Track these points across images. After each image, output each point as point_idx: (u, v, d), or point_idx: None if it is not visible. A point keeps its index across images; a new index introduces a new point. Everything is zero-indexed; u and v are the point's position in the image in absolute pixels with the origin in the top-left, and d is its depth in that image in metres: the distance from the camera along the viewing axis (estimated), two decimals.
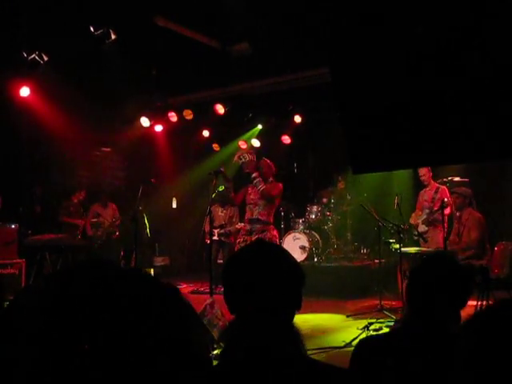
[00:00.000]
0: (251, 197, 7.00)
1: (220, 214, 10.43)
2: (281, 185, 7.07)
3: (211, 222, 7.71)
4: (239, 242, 7.06)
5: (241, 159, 7.00)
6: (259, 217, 6.94)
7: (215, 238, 10.02)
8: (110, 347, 0.80)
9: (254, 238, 6.79)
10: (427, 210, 8.01)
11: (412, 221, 8.23)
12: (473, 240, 7.07)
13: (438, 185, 8.10)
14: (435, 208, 7.81)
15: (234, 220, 10.48)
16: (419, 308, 2.17)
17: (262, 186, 6.86)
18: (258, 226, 6.90)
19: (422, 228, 8.01)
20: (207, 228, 10.44)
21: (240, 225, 10.65)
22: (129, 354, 0.80)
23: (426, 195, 8.16)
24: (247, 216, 7.10)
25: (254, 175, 6.90)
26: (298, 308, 1.70)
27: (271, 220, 7.06)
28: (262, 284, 1.64)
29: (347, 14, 3.76)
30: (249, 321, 1.63)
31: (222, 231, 10.33)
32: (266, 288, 1.63)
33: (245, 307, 1.65)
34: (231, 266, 1.74)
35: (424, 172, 8.07)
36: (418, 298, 2.19)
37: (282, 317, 1.65)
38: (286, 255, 1.75)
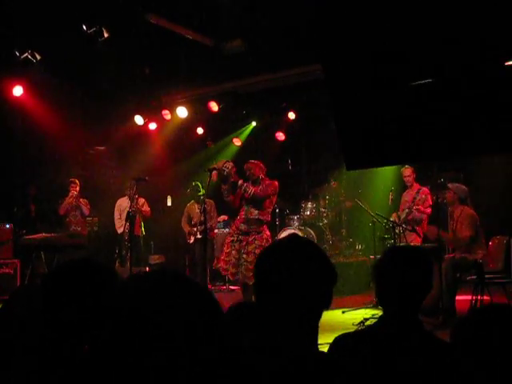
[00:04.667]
0: (246, 197, 6.89)
1: (197, 211, 10.33)
2: (276, 183, 6.99)
3: (205, 219, 7.67)
4: (233, 241, 6.91)
5: (224, 170, 6.76)
6: (254, 216, 6.83)
7: (198, 236, 9.97)
8: (107, 346, 0.80)
9: (249, 239, 6.73)
10: (407, 210, 8.10)
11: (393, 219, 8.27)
12: (465, 237, 7.08)
13: (419, 186, 8.23)
14: (418, 207, 7.97)
15: (211, 214, 10.43)
16: (391, 305, 2.17)
17: (251, 191, 6.73)
18: (254, 226, 6.81)
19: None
20: (187, 228, 10.44)
21: (222, 217, 10.63)
22: (125, 351, 0.80)
23: (407, 196, 8.31)
24: (242, 215, 6.94)
25: (239, 183, 6.76)
26: (326, 307, 1.63)
27: (268, 219, 6.98)
28: (294, 280, 1.58)
29: (338, 9, 3.76)
30: (275, 317, 1.58)
31: (203, 228, 10.29)
32: (297, 285, 1.58)
33: (274, 302, 1.59)
34: (263, 260, 1.70)
35: (409, 173, 8.21)
36: (389, 296, 2.18)
37: (310, 316, 1.61)
38: (320, 252, 1.69)
